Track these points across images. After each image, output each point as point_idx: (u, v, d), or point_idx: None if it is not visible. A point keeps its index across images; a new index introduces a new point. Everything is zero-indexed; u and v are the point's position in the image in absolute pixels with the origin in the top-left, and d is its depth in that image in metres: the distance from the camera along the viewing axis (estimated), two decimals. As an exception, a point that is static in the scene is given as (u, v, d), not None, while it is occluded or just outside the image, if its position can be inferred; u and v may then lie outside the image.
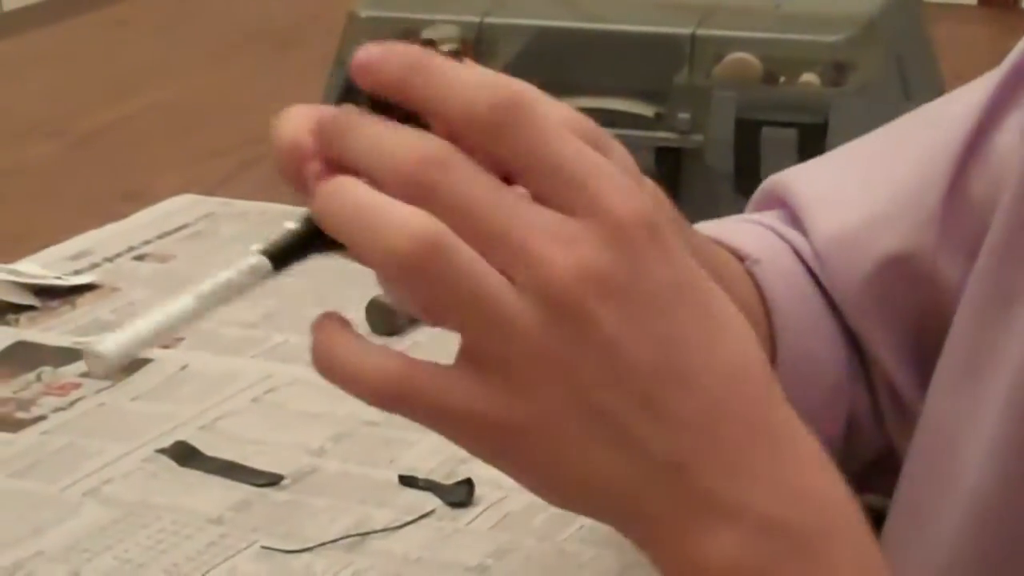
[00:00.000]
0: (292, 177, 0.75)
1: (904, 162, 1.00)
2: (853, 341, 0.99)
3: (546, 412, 0.66)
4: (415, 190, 0.64)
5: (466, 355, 0.66)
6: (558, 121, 0.66)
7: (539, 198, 0.65)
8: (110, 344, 0.65)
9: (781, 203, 1.03)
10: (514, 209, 0.64)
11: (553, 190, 0.64)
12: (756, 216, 1.04)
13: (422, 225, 0.64)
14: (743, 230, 1.01)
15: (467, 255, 0.64)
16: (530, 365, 0.65)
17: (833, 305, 0.99)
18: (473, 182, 0.65)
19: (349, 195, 0.68)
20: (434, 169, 0.64)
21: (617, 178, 0.65)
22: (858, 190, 1.01)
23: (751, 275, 0.96)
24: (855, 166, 1.04)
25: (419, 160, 0.65)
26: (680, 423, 0.66)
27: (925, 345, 0.93)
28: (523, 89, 0.66)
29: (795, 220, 1.02)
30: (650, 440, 0.66)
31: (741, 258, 0.97)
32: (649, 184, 0.70)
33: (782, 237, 1.01)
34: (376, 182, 0.66)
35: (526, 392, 0.65)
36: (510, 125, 0.64)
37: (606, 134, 0.72)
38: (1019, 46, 0.97)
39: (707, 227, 0.99)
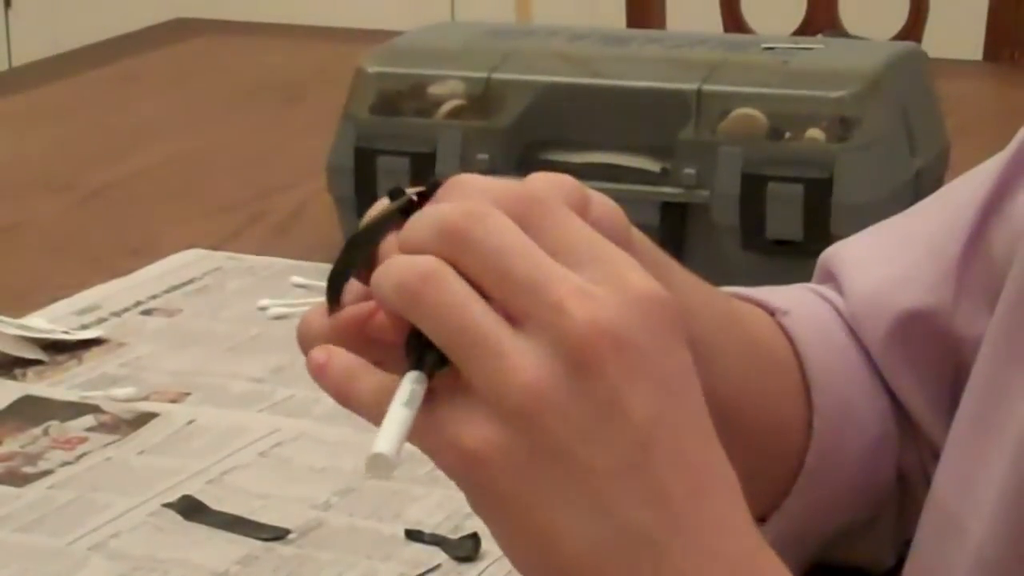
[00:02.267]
0: None
1: (926, 224, 1.02)
2: (897, 400, 1.00)
3: (523, 452, 0.67)
4: (450, 240, 0.67)
5: (461, 385, 0.68)
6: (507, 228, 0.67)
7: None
8: (383, 444, 0.69)
9: (830, 275, 1.04)
10: (541, 259, 0.66)
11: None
12: (811, 286, 1.05)
13: (424, 260, 0.66)
14: (779, 290, 1.03)
15: (460, 287, 0.66)
16: (522, 400, 0.66)
17: (873, 363, 1.00)
18: (503, 232, 0.66)
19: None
20: (472, 220, 0.67)
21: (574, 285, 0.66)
22: (886, 252, 1.03)
23: (781, 327, 0.97)
24: (889, 231, 1.05)
25: (461, 213, 0.67)
26: (664, 497, 0.67)
27: (957, 401, 0.93)
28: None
29: (836, 284, 1.03)
30: (628, 509, 0.67)
31: (771, 311, 0.98)
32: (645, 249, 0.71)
33: (822, 296, 1.02)
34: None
35: (508, 426, 0.66)
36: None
37: (597, 197, 0.74)
38: None
39: (745, 290, 1.00)
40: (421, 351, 0.69)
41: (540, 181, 0.72)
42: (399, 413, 0.68)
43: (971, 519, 0.87)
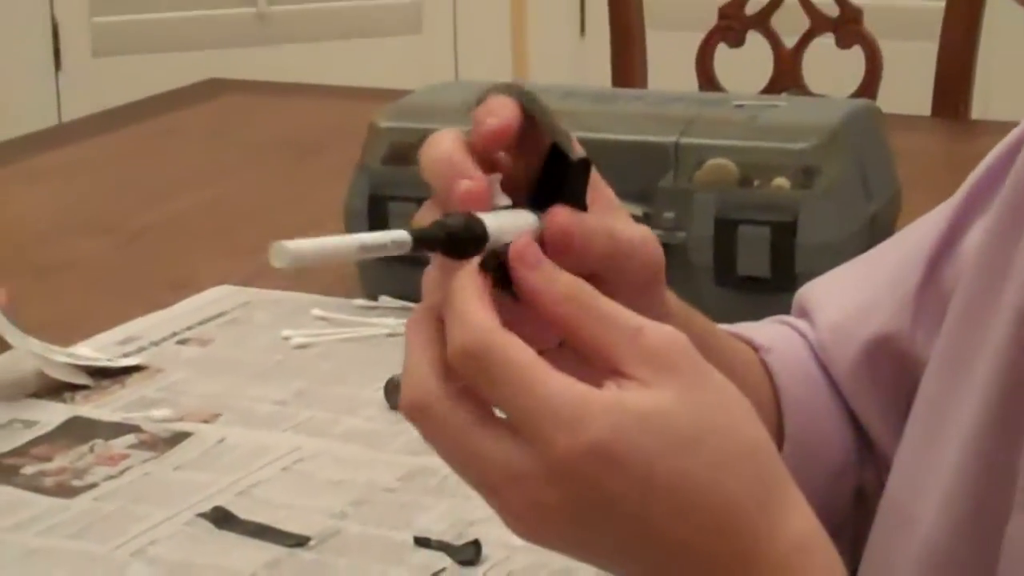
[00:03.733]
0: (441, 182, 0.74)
1: (887, 262, 1.02)
2: (858, 422, 1.01)
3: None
4: (463, 369, 0.68)
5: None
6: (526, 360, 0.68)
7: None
8: (292, 245, 0.67)
9: (804, 310, 1.05)
10: (466, 458, 0.68)
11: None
12: (785, 318, 1.05)
13: (407, 395, 0.69)
14: (762, 326, 1.03)
15: (454, 420, 0.68)
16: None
17: (840, 390, 1.00)
18: (506, 366, 0.66)
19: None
20: (474, 360, 0.67)
21: (563, 412, 0.66)
22: (851, 287, 1.03)
23: (763, 363, 0.98)
24: (854, 269, 1.06)
25: (408, 409, 0.69)
26: None
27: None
28: (480, 337, 0.67)
29: (809, 318, 1.04)
30: None
31: (756, 348, 0.98)
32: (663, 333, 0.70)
33: (797, 331, 1.03)
34: None
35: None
36: (474, 372, 0.68)
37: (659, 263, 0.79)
38: (981, 165, 0.98)
39: (734, 326, 1.01)
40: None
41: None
42: (344, 240, 0.68)
43: (921, 512, 0.87)
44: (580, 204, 0.72)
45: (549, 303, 0.68)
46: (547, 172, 0.72)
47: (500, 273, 0.69)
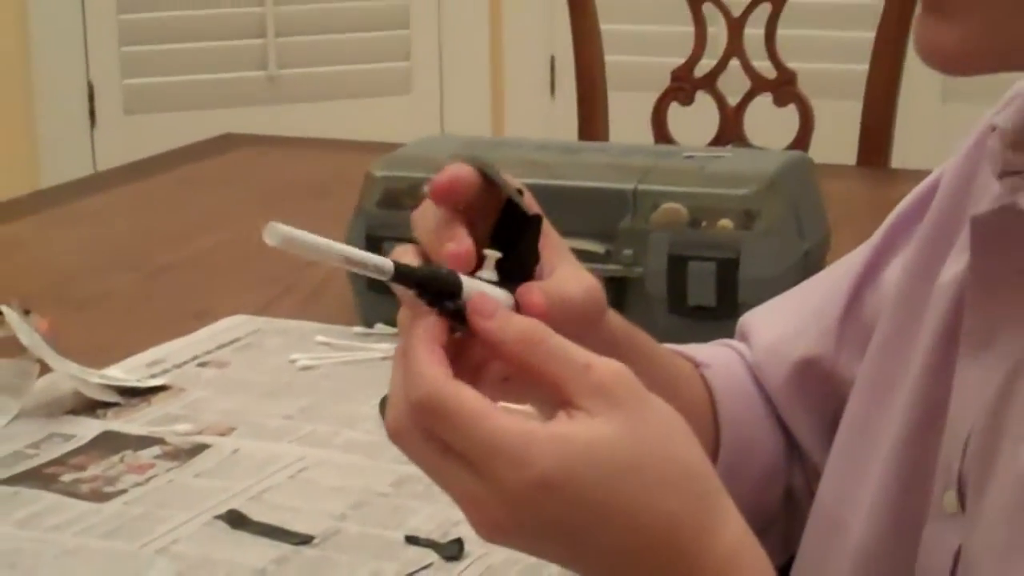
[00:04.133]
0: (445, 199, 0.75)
1: (815, 293, 1.03)
2: (789, 432, 1.01)
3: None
4: (421, 419, 0.69)
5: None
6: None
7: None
8: (285, 229, 0.70)
9: (744, 335, 1.05)
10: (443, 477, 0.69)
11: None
12: (727, 342, 1.06)
13: (389, 425, 0.70)
14: (706, 347, 1.03)
15: (424, 451, 0.69)
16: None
17: (772, 404, 1.00)
18: (458, 414, 0.67)
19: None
20: (430, 411, 0.68)
21: (509, 451, 0.67)
22: (783, 315, 1.04)
23: (703, 377, 0.98)
24: (787, 299, 1.06)
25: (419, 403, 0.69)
26: None
27: (836, 430, 0.94)
28: (432, 391, 0.68)
29: (748, 341, 1.04)
30: None
31: (696, 364, 0.99)
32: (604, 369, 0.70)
33: (737, 351, 1.03)
34: None
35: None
36: (431, 421, 0.68)
37: (583, 289, 0.78)
38: (898, 208, 0.99)
39: (680, 347, 1.01)
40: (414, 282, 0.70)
41: (572, 288, 0.77)
42: (332, 246, 0.71)
43: (850, 519, 0.87)
44: (534, 253, 0.72)
45: (505, 347, 0.69)
46: (503, 224, 0.72)
47: (460, 317, 0.69)
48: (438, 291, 0.70)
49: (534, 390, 0.70)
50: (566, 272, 0.78)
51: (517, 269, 0.74)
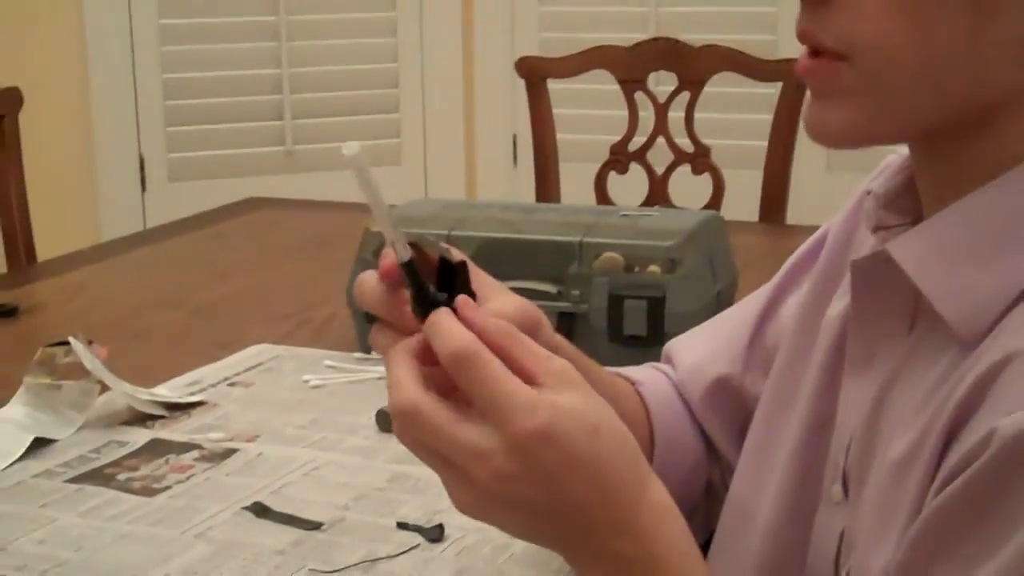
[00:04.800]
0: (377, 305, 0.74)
1: (726, 324, 1.03)
2: (707, 437, 1.01)
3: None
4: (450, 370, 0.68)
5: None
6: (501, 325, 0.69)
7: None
8: (360, 155, 0.68)
9: (668, 358, 1.06)
10: (450, 441, 0.68)
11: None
12: (655, 364, 1.06)
13: (399, 402, 0.68)
14: (639, 369, 1.04)
15: (437, 413, 0.68)
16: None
17: (693, 414, 1.01)
18: (486, 369, 0.67)
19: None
20: (403, 420, 0.69)
21: (513, 399, 0.67)
22: (701, 342, 1.04)
23: (639, 394, 0.99)
24: (704, 330, 1.06)
25: (397, 414, 0.69)
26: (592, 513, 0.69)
27: (744, 435, 0.94)
28: (464, 347, 0.68)
29: (672, 364, 1.04)
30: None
31: (633, 383, 1.00)
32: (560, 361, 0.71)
33: (664, 373, 1.04)
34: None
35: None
36: (458, 374, 0.68)
37: (542, 319, 0.78)
38: (792, 256, 1.00)
39: (618, 369, 1.02)
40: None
41: (507, 306, 0.76)
42: (382, 206, 0.69)
43: (758, 508, 0.88)
44: (468, 290, 0.73)
45: (487, 335, 0.69)
46: (441, 274, 0.73)
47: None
48: (446, 278, 0.71)
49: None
50: (498, 297, 0.78)
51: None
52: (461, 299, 0.70)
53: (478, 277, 0.78)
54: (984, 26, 0.67)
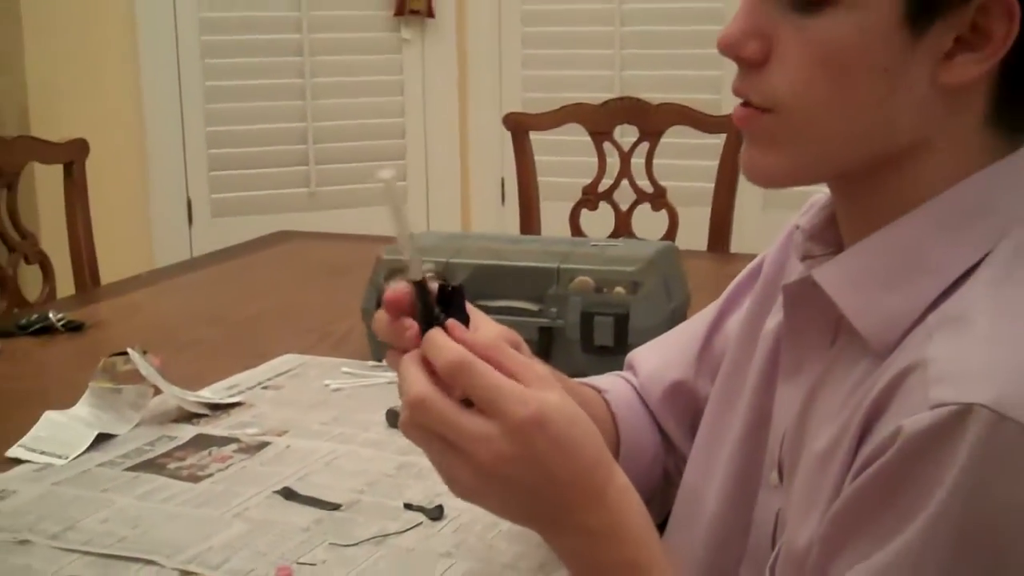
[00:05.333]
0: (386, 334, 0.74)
1: (680, 337, 1.03)
2: (664, 433, 1.00)
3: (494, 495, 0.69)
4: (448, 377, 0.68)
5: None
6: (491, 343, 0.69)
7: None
8: (391, 178, 0.67)
9: (630, 366, 1.05)
10: (459, 426, 0.67)
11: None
12: (619, 372, 1.06)
13: (413, 393, 0.68)
14: (605, 377, 1.04)
15: (444, 404, 0.67)
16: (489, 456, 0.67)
17: (652, 414, 1.00)
18: (482, 371, 0.68)
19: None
20: (416, 413, 0.68)
21: (508, 394, 0.67)
22: (658, 352, 1.03)
23: (605, 400, 0.98)
24: (661, 341, 1.06)
25: (409, 411, 0.68)
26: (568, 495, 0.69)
27: (695, 430, 0.94)
28: (459, 357, 0.68)
29: (634, 371, 1.04)
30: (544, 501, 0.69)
31: (600, 391, 0.99)
32: (542, 369, 0.71)
33: (626, 379, 1.03)
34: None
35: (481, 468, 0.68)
36: (457, 379, 0.68)
37: (520, 341, 0.78)
38: (735, 280, 1.00)
39: (587, 379, 1.01)
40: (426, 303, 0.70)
41: (492, 330, 0.75)
42: (404, 229, 0.68)
43: (707, 493, 0.87)
44: (463, 312, 0.73)
45: (477, 348, 0.69)
46: (441, 300, 0.72)
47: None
48: (446, 299, 0.72)
49: None
50: (485, 324, 0.78)
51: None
52: (450, 322, 0.70)
53: (470, 309, 0.79)
54: (894, 87, 0.67)
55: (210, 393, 1.39)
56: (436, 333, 0.69)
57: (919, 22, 0.66)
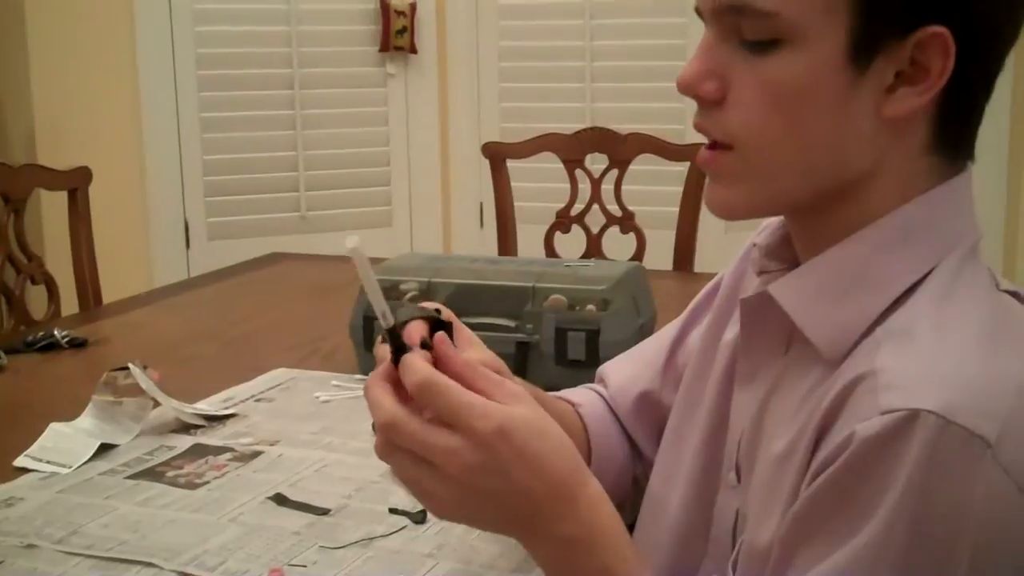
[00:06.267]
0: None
1: (647, 350, 1.03)
2: (633, 442, 1.00)
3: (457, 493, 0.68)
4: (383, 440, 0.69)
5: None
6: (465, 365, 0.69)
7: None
8: (358, 248, 0.67)
9: (601, 379, 1.05)
10: (428, 442, 0.67)
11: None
12: (590, 385, 1.06)
13: (383, 418, 0.68)
14: (578, 391, 1.04)
15: (413, 423, 0.67)
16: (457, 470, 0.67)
17: (622, 424, 1.00)
18: (447, 389, 0.67)
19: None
20: (388, 433, 0.68)
21: (471, 408, 0.67)
22: (627, 365, 1.03)
23: (578, 413, 0.98)
24: (629, 355, 1.06)
25: (382, 430, 0.69)
26: (538, 503, 0.69)
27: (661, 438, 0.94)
28: (426, 378, 0.68)
29: (604, 383, 1.04)
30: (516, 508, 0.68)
31: (573, 404, 0.99)
32: (512, 387, 0.71)
33: (597, 392, 1.03)
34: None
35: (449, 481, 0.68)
36: (425, 398, 0.68)
37: (504, 367, 0.78)
38: (696, 297, 1.00)
39: (561, 392, 1.01)
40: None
41: (479, 355, 0.76)
42: (374, 291, 0.68)
43: (670, 498, 0.87)
44: (450, 340, 0.74)
45: (454, 367, 0.69)
46: (433, 331, 0.73)
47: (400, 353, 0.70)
48: (432, 326, 0.72)
49: None
50: (473, 349, 0.79)
51: None
52: (439, 338, 0.71)
53: (461, 334, 0.79)
54: (841, 121, 0.68)
55: (206, 405, 1.38)
56: (410, 356, 0.69)
57: (862, 59, 0.67)
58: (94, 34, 3.23)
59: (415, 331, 0.72)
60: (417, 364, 0.68)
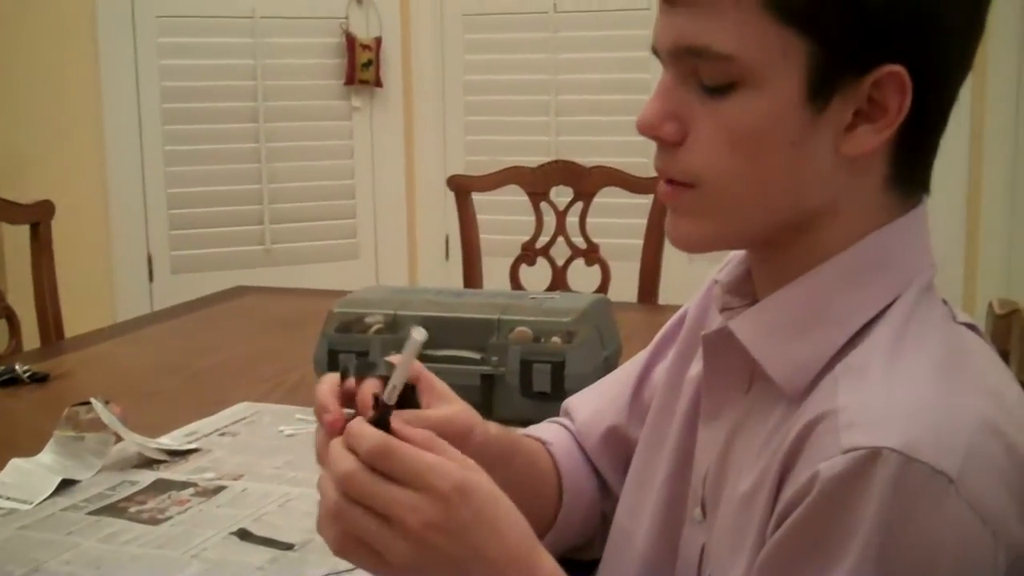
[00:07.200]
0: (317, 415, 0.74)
1: (612, 384, 1.02)
2: (601, 477, 1.00)
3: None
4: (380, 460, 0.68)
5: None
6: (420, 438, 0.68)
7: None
8: (424, 336, 0.69)
9: (567, 412, 1.04)
10: (388, 499, 0.67)
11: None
12: (557, 419, 1.05)
13: (338, 477, 0.68)
14: (545, 427, 1.03)
15: (375, 483, 0.67)
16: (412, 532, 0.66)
17: (589, 459, 1.00)
18: (404, 453, 0.67)
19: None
20: (346, 486, 0.69)
21: (432, 468, 0.67)
22: (593, 399, 1.03)
23: (548, 452, 0.97)
24: (595, 388, 1.05)
25: (338, 481, 0.69)
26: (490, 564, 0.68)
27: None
28: (380, 442, 0.67)
29: (571, 417, 1.03)
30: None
31: (544, 443, 0.98)
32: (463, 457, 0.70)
33: (564, 427, 1.02)
34: None
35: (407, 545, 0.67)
36: (381, 464, 0.67)
37: (474, 423, 0.78)
38: (662, 330, 1.00)
39: (529, 429, 1.00)
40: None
41: (449, 411, 0.77)
42: (407, 371, 0.71)
43: (636, 531, 0.87)
44: (416, 405, 0.75)
45: (416, 439, 0.69)
46: (404, 394, 0.73)
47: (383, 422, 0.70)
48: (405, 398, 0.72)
49: None
50: (442, 405, 0.78)
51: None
52: (393, 416, 0.70)
53: (433, 390, 0.78)
54: (800, 161, 0.69)
55: (169, 440, 1.37)
56: (356, 423, 0.69)
57: (819, 99, 0.67)
58: (57, 67, 3.22)
59: (367, 390, 0.72)
60: (368, 430, 0.68)
